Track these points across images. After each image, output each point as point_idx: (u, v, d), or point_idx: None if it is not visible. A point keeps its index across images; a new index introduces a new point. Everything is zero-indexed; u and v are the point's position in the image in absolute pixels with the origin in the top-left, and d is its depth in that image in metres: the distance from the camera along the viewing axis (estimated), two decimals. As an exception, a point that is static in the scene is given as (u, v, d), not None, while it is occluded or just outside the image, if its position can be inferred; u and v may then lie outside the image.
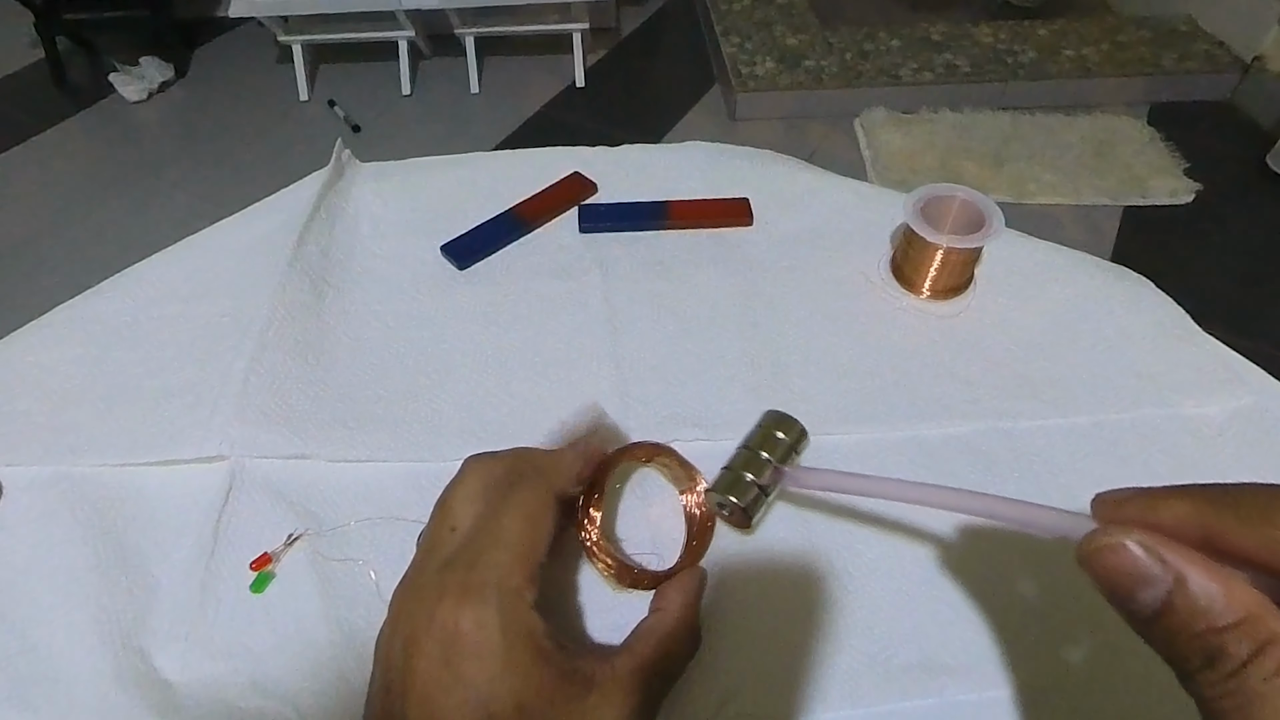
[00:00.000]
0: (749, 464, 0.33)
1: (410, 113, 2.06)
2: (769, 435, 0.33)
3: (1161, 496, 0.21)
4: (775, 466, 0.33)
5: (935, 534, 0.38)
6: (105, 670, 0.34)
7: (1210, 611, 0.18)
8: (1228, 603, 0.18)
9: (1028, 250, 0.53)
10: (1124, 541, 0.19)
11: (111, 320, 0.49)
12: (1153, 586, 0.19)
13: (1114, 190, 1.72)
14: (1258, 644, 0.17)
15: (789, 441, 0.33)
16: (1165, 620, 0.19)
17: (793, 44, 2.08)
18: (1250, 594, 0.18)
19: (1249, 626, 0.18)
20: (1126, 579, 0.19)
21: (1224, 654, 0.18)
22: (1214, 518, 0.19)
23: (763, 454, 0.33)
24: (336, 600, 0.37)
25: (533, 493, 0.30)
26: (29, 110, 2.06)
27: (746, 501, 0.32)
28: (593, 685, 0.28)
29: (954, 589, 0.37)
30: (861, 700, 0.34)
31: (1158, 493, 0.21)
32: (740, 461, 0.33)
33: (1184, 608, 0.18)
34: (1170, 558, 0.19)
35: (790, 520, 0.39)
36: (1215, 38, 2.05)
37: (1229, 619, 0.18)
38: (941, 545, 0.38)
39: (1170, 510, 0.20)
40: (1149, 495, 0.21)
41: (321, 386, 0.45)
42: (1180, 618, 0.19)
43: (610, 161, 0.59)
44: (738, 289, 0.51)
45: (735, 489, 0.32)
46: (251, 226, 0.54)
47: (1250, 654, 0.17)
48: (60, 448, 0.42)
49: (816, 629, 0.36)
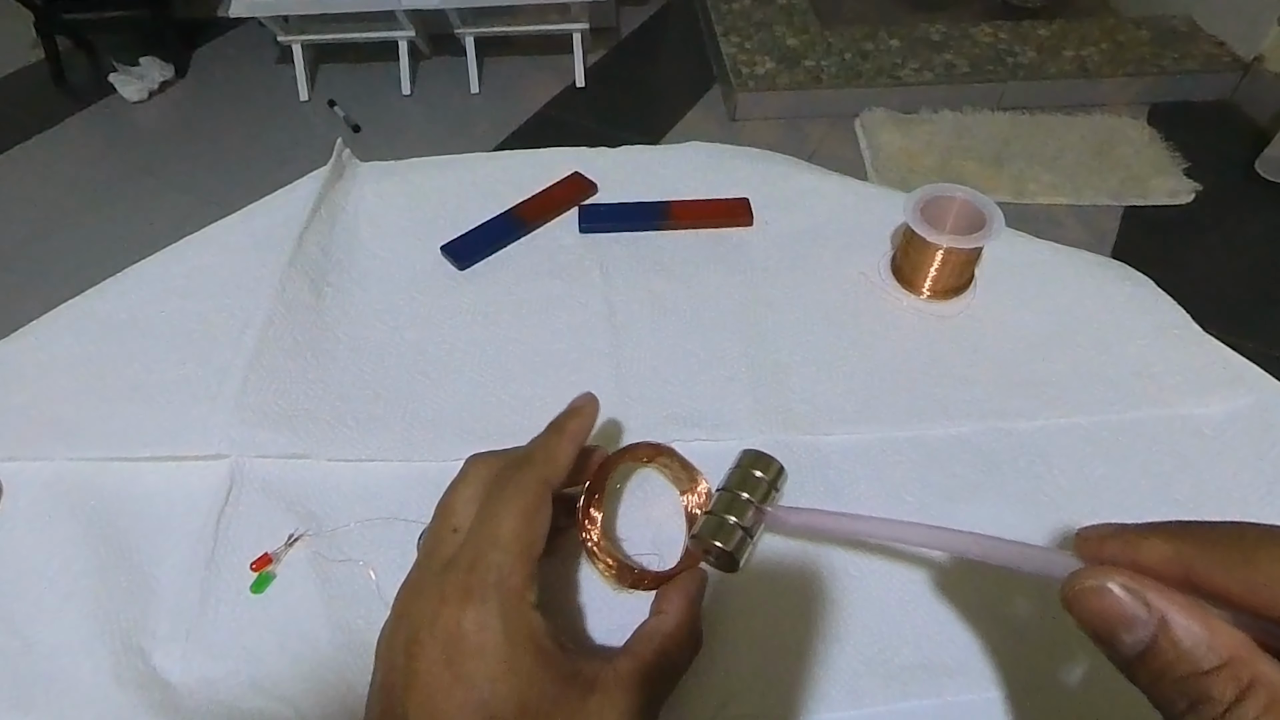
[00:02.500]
0: (730, 507, 0.32)
1: (410, 113, 2.06)
2: (747, 475, 0.33)
3: (1143, 535, 0.21)
4: (757, 507, 0.32)
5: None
6: (105, 670, 0.34)
7: (1194, 654, 0.18)
8: (1211, 646, 0.18)
9: (1028, 250, 0.53)
10: (1107, 584, 0.19)
11: (111, 319, 0.49)
12: (1137, 629, 0.19)
13: (1114, 190, 1.72)
14: (1241, 688, 0.17)
15: (768, 480, 0.33)
16: (1149, 663, 0.19)
17: (793, 44, 2.08)
18: (1233, 636, 0.18)
19: (1232, 669, 0.18)
20: (1110, 621, 0.19)
21: (1208, 698, 0.18)
22: (1195, 558, 0.19)
23: (743, 495, 0.32)
24: (336, 600, 0.37)
25: (525, 487, 0.30)
26: (29, 110, 2.06)
27: (732, 545, 0.31)
28: (594, 686, 0.28)
29: (954, 590, 0.37)
30: (862, 700, 0.34)
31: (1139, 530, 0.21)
32: (722, 505, 0.32)
33: (1168, 650, 0.18)
34: (1154, 600, 0.19)
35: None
36: (1215, 38, 2.05)
37: (1213, 662, 0.18)
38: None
39: (1153, 550, 0.20)
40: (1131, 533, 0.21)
41: (321, 386, 0.45)
42: (1164, 660, 0.18)
43: (610, 161, 0.59)
44: (738, 289, 0.51)
45: (720, 534, 0.31)
46: (251, 225, 0.54)
47: (1234, 698, 0.17)
48: (60, 447, 0.42)
49: (816, 629, 0.36)
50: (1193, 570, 0.19)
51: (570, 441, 0.33)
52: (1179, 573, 0.19)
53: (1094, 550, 0.21)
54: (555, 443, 0.33)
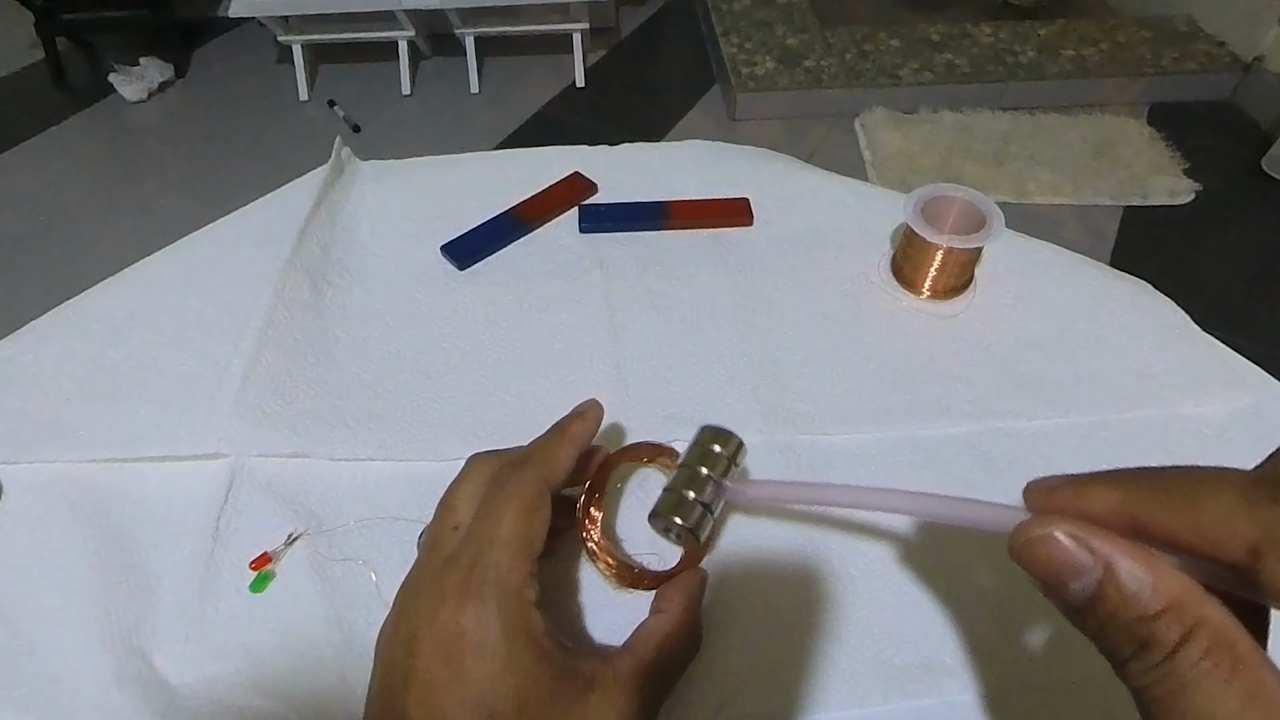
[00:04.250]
0: (690, 482, 0.32)
1: (410, 113, 2.06)
2: (707, 451, 0.32)
3: (1091, 483, 0.20)
4: (717, 482, 0.32)
5: (936, 534, 0.38)
6: (105, 671, 0.34)
7: (1139, 599, 0.18)
8: (1155, 589, 0.18)
9: (1028, 250, 0.53)
10: (1053, 532, 0.19)
11: (111, 318, 0.49)
12: (1083, 576, 0.19)
13: (1114, 190, 1.72)
14: (1185, 629, 0.17)
15: (728, 455, 0.32)
16: (1096, 609, 0.19)
17: (793, 44, 2.08)
18: (1178, 579, 0.18)
19: (1177, 612, 0.17)
20: (1057, 569, 0.19)
21: (1153, 641, 0.18)
22: (1142, 503, 0.19)
23: (703, 470, 0.32)
24: (336, 600, 0.37)
25: (525, 486, 0.30)
26: (29, 110, 2.06)
27: (692, 521, 0.31)
28: (594, 685, 0.28)
29: (954, 590, 0.37)
30: (862, 700, 0.34)
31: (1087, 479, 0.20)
32: (681, 480, 0.32)
33: (1113, 596, 0.18)
34: (1099, 546, 0.19)
35: (790, 521, 0.39)
36: (1215, 38, 2.05)
37: (1157, 606, 0.18)
38: (942, 546, 0.38)
39: (1099, 497, 0.20)
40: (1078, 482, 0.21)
41: (321, 385, 0.45)
42: (1110, 606, 0.18)
43: (610, 161, 0.59)
44: (738, 289, 0.51)
45: (680, 510, 0.31)
46: (251, 225, 0.54)
47: (1179, 640, 0.17)
48: (60, 447, 0.42)
49: (817, 629, 0.36)
50: (1139, 516, 0.19)
51: (571, 444, 0.33)
52: (1126, 519, 0.19)
53: (1042, 501, 0.21)
54: (556, 444, 0.33)
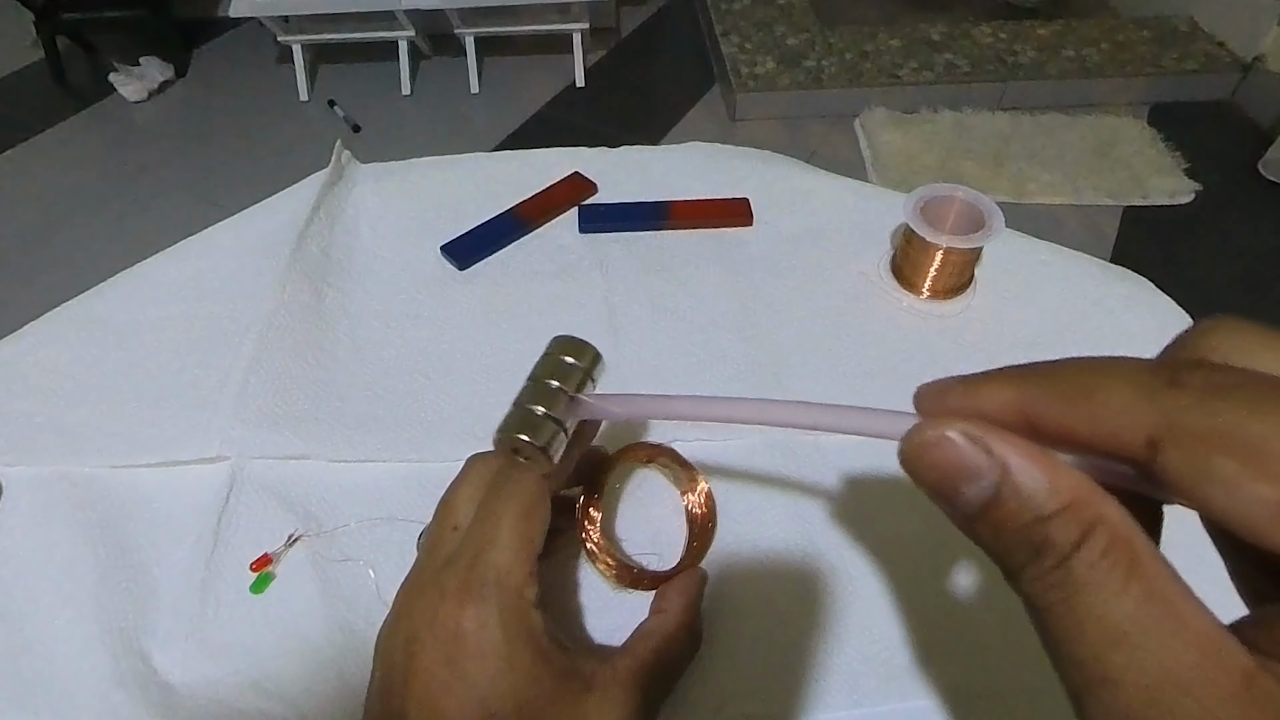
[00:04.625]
0: (539, 396, 0.28)
1: (410, 113, 2.06)
2: (558, 364, 0.28)
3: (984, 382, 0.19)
4: (570, 396, 0.28)
5: (936, 534, 0.38)
6: (105, 670, 0.34)
7: (1035, 500, 0.16)
8: (1053, 489, 0.16)
9: (1028, 250, 0.53)
10: (946, 433, 0.18)
11: (111, 320, 0.49)
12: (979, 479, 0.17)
13: (1114, 190, 1.72)
14: (1083, 529, 0.16)
15: (583, 367, 0.29)
16: (991, 514, 0.17)
17: (793, 44, 2.08)
18: (1075, 477, 0.17)
19: (1074, 511, 0.16)
20: (951, 473, 0.18)
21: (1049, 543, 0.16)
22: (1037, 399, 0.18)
23: (553, 383, 0.28)
24: (336, 600, 0.37)
25: (525, 485, 0.30)
26: (29, 110, 2.06)
27: (544, 440, 0.27)
28: (593, 686, 0.28)
29: (954, 589, 0.37)
30: (861, 700, 0.34)
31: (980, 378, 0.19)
32: (528, 395, 0.28)
33: (1010, 499, 0.17)
34: (995, 446, 0.17)
35: (790, 520, 0.39)
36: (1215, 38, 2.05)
37: (1054, 506, 0.16)
38: (942, 545, 0.38)
39: (993, 395, 0.18)
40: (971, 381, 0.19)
41: (321, 386, 0.45)
42: (1006, 510, 0.17)
43: (610, 161, 0.59)
44: (738, 289, 0.51)
45: (528, 426, 0.27)
46: (251, 226, 0.54)
47: (1076, 541, 0.16)
48: (60, 448, 0.42)
49: (816, 629, 0.36)
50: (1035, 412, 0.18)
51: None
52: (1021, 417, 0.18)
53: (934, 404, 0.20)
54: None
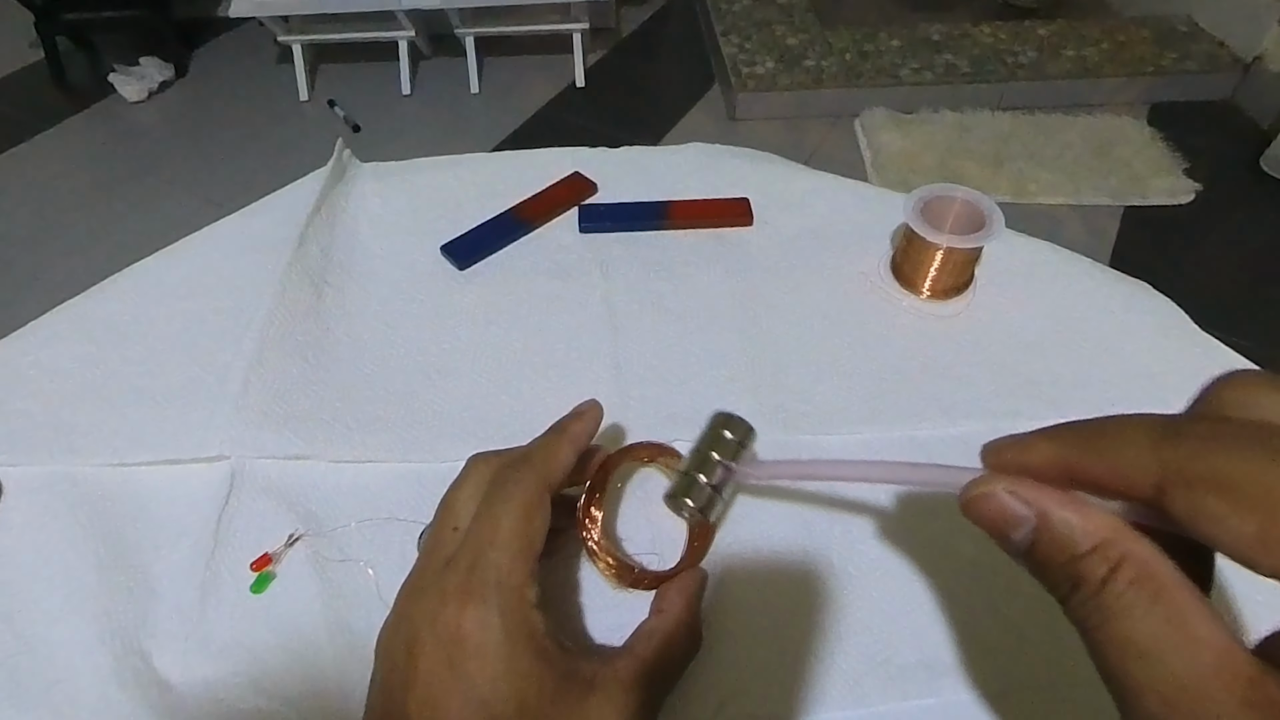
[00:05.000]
0: (700, 465, 0.34)
1: (410, 113, 2.06)
2: (718, 436, 0.34)
3: (1032, 440, 0.22)
4: (725, 465, 0.33)
5: (936, 534, 0.38)
6: (105, 671, 0.34)
7: (1070, 540, 0.20)
8: (1085, 531, 0.20)
9: (1028, 250, 0.53)
10: (993, 489, 0.21)
11: (111, 320, 0.49)
12: (1022, 526, 0.21)
13: (1114, 190, 1.72)
14: (1111, 564, 0.19)
15: (737, 440, 0.34)
16: (1036, 554, 0.21)
17: (793, 44, 2.08)
18: (1105, 520, 0.20)
19: (1103, 550, 0.19)
20: (1000, 522, 0.21)
21: (1084, 578, 0.19)
22: (1073, 453, 0.21)
23: (713, 455, 0.33)
24: (336, 600, 0.37)
25: (525, 486, 0.30)
26: (29, 110, 2.06)
27: (702, 502, 0.33)
28: (594, 686, 0.28)
29: (954, 590, 0.37)
30: (862, 700, 0.34)
31: (1029, 437, 0.23)
32: (693, 464, 0.34)
33: (1048, 540, 0.20)
34: (1032, 497, 0.21)
35: (790, 520, 0.39)
36: (1215, 38, 2.05)
37: (1086, 545, 0.19)
38: (942, 545, 0.38)
39: (1038, 451, 0.22)
40: (1022, 440, 0.23)
41: (321, 386, 0.45)
42: (1046, 550, 0.20)
43: (610, 161, 0.59)
44: (738, 289, 0.51)
45: (690, 492, 0.33)
46: (251, 226, 0.54)
47: (1106, 575, 0.19)
48: (60, 448, 0.42)
49: (816, 629, 0.36)
50: (1071, 464, 0.21)
51: (571, 444, 0.33)
52: (1062, 468, 0.21)
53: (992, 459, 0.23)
54: (556, 444, 0.33)
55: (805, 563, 0.38)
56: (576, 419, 0.35)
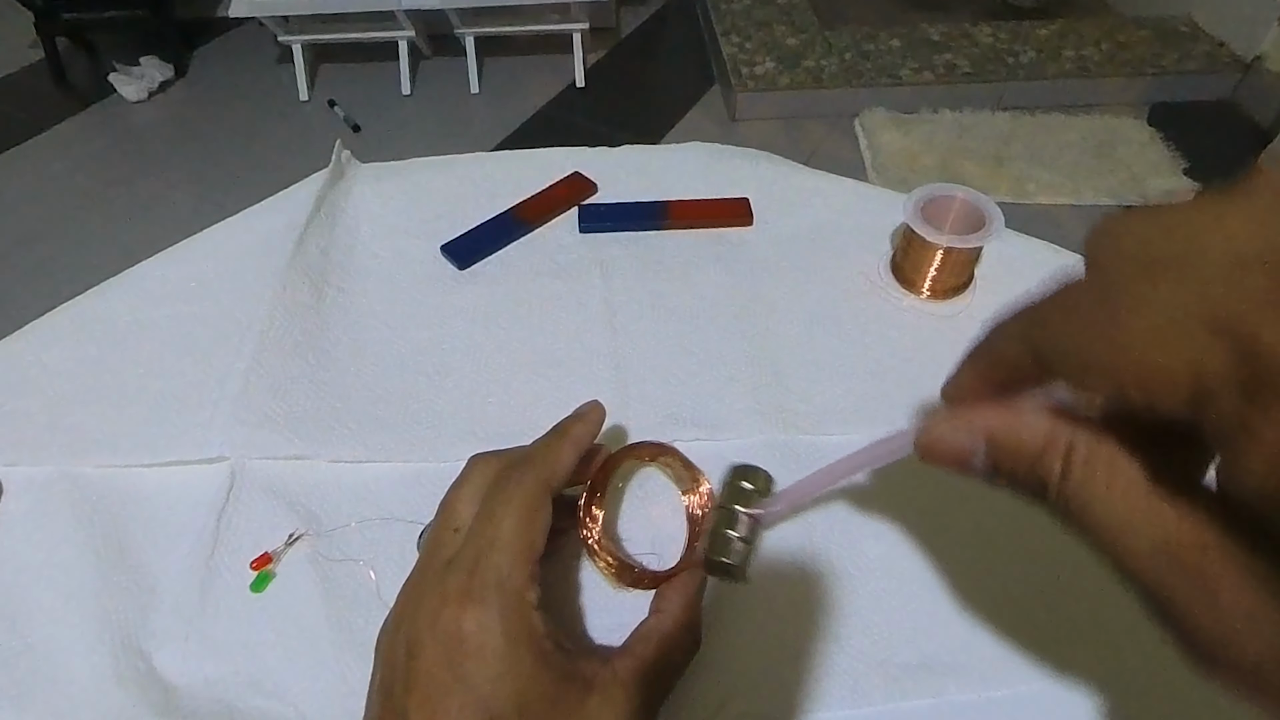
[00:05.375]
0: (727, 522, 0.34)
1: (410, 113, 2.06)
2: (737, 489, 0.34)
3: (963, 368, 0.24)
4: (751, 516, 0.34)
5: (935, 533, 0.38)
6: (105, 670, 0.34)
7: (1021, 447, 0.21)
8: (1030, 434, 0.21)
9: (1028, 250, 0.53)
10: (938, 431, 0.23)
11: (112, 320, 0.49)
12: (975, 452, 0.22)
13: (1114, 190, 1.72)
14: (1063, 454, 0.20)
15: (757, 490, 0.34)
16: (1002, 472, 0.22)
17: (793, 44, 2.08)
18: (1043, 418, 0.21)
19: (1052, 444, 0.20)
20: (956, 457, 0.22)
21: (1045, 476, 0.20)
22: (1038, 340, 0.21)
23: (736, 508, 0.34)
24: (336, 600, 0.37)
25: (525, 487, 0.30)
26: (29, 110, 2.06)
27: (736, 559, 0.33)
28: (593, 687, 0.28)
29: (954, 589, 0.37)
30: (862, 700, 0.34)
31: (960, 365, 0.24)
32: (722, 521, 0.34)
33: (1005, 456, 0.21)
34: (976, 423, 0.22)
35: (790, 520, 0.39)
36: (1215, 38, 2.05)
37: (1036, 445, 0.21)
38: (942, 545, 0.38)
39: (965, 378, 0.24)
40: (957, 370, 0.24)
41: (321, 387, 0.45)
42: (1009, 464, 0.21)
43: (610, 161, 0.59)
44: (738, 289, 0.51)
45: (725, 551, 0.33)
46: (251, 227, 0.54)
47: (1063, 466, 0.20)
48: (60, 448, 0.42)
49: (816, 629, 0.36)
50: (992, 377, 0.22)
51: (572, 445, 0.33)
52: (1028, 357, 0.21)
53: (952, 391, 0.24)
54: (557, 445, 0.33)
55: (805, 563, 0.38)
56: (578, 420, 0.35)
